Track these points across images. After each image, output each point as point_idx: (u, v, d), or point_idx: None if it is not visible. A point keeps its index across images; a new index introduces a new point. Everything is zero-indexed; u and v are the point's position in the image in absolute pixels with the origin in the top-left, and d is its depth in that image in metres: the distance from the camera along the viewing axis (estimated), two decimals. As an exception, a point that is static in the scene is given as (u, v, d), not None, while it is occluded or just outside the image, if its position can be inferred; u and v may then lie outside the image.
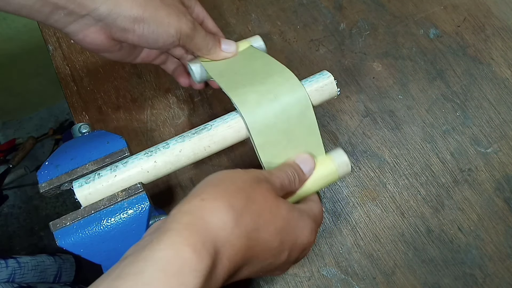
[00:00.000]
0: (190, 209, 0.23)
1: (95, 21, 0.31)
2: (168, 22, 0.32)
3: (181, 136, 0.32)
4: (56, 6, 0.29)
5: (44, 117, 1.43)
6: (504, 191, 0.44)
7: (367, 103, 0.47)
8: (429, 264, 0.42)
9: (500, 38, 0.49)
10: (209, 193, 0.25)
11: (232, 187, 0.26)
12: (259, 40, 0.41)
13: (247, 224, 0.24)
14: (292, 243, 0.28)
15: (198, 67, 0.39)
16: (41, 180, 0.32)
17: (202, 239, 0.22)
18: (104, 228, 0.30)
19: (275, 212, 0.27)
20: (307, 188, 0.33)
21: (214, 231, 0.23)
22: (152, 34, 0.32)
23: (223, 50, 0.38)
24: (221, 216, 0.23)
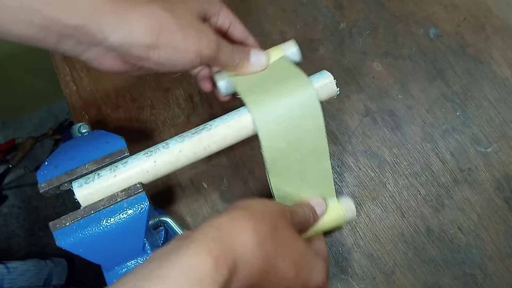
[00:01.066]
0: (219, 225, 0.25)
1: (108, 50, 0.29)
2: (185, 47, 0.29)
3: (180, 136, 0.32)
4: (62, 36, 0.27)
5: (43, 117, 1.43)
6: (504, 191, 0.44)
7: (367, 102, 0.47)
8: (429, 264, 0.42)
9: (500, 37, 0.49)
10: (239, 214, 0.27)
11: (259, 213, 0.28)
12: (292, 46, 0.37)
13: (268, 250, 0.26)
14: (306, 279, 0.29)
15: (224, 82, 0.35)
16: (40, 180, 0.32)
17: (225, 253, 0.23)
18: (104, 228, 0.30)
19: (294, 246, 0.29)
20: (316, 228, 0.36)
21: (237, 249, 0.24)
22: (169, 60, 0.29)
23: (252, 64, 0.35)
24: (245, 236, 0.25)
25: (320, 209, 0.36)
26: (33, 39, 0.27)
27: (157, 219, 0.35)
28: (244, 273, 0.24)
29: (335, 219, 0.37)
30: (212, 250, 0.23)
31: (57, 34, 0.27)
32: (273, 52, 0.37)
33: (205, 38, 0.30)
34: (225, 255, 0.23)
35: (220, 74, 0.36)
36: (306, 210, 0.34)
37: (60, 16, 0.26)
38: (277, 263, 0.27)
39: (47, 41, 0.27)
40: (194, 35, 0.30)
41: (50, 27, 0.26)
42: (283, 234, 0.28)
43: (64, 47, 0.28)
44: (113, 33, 0.27)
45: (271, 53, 0.36)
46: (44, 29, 0.26)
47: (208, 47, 0.30)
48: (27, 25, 0.26)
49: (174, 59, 0.29)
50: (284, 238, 0.28)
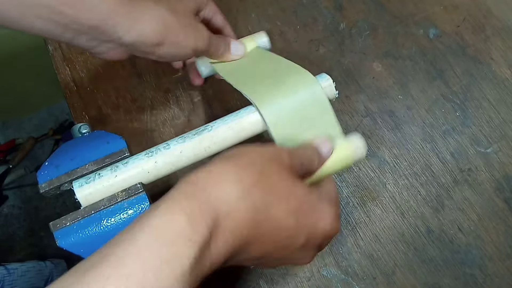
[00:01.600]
0: (195, 180, 0.23)
1: (119, 45, 0.32)
2: (185, 44, 0.34)
3: (181, 137, 0.32)
4: (78, 32, 0.30)
5: (44, 118, 1.43)
6: (504, 191, 0.44)
7: (367, 103, 0.47)
8: (429, 264, 0.42)
9: (500, 38, 0.49)
10: (218, 166, 0.24)
11: (245, 160, 0.25)
12: (263, 36, 0.43)
13: (256, 199, 0.24)
14: (310, 226, 0.27)
15: (206, 66, 0.42)
16: (41, 180, 0.32)
17: (201, 209, 0.21)
18: (104, 228, 0.30)
19: (290, 190, 0.26)
20: (323, 171, 0.32)
21: (216, 203, 0.22)
22: (170, 54, 0.34)
23: (232, 53, 0.40)
24: (225, 188, 0.23)
25: (326, 148, 0.32)
26: (50, 33, 0.29)
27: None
28: (230, 227, 0.22)
29: (343, 159, 0.33)
30: (184, 206, 0.21)
31: (74, 31, 0.30)
32: (247, 42, 0.42)
33: (200, 36, 0.35)
34: (202, 211, 0.21)
35: (202, 60, 0.42)
36: (309, 151, 0.31)
37: (80, 16, 0.28)
38: (270, 211, 0.24)
39: (63, 36, 0.30)
40: (192, 34, 0.34)
41: (68, 25, 0.29)
42: (275, 179, 0.25)
43: (78, 41, 0.31)
44: (126, 33, 0.30)
45: (245, 42, 0.41)
46: (63, 26, 0.29)
47: (202, 43, 0.35)
48: (47, 22, 0.28)
49: (175, 54, 0.34)
50: (277, 183, 0.25)
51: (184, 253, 0.19)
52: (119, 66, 0.49)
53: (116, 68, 0.49)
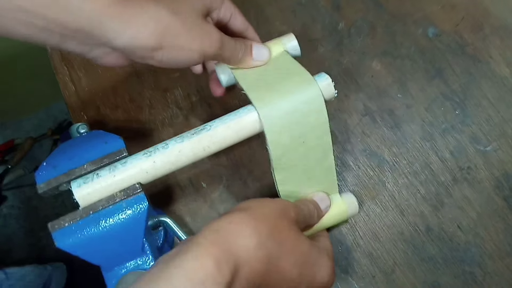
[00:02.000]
0: (219, 229, 0.25)
1: (111, 50, 0.29)
2: (189, 47, 0.30)
3: (180, 137, 0.32)
4: (64, 37, 0.27)
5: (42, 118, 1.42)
6: (503, 189, 0.44)
7: (366, 102, 0.47)
8: (429, 262, 0.42)
9: (499, 36, 0.49)
10: (237, 217, 0.27)
11: (259, 214, 0.28)
12: (292, 39, 0.38)
13: (269, 250, 0.26)
14: (310, 278, 0.29)
15: (226, 74, 0.36)
16: (39, 180, 0.32)
17: (225, 256, 0.24)
18: (103, 228, 0.30)
19: (297, 245, 0.28)
20: (320, 224, 0.36)
21: (237, 251, 0.24)
22: (172, 59, 0.30)
23: (254, 58, 0.36)
24: (245, 238, 0.25)
25: (324, 204, 0.36)
26: (36, 38, 0.27)
27: (156, 219, 0.35)
28: (246, 274, 0.25)
29: (338, 214, 0.37)
30: (212, 252, 0.23)
31: (60, 35, 0.27)
32: (273, 46, 0.37)
33: (208, 38, 0.31)
34: (226, 258, 0.23)
35: (221, 67, 0.36)
36: (310, 206, 0.34)
37: (63, 19, 0.26)
38: (280, 263, 0.27)
39: (49, 40, 0.27)
40: (197, 36, 0.30)
41: (52, 29, 0.26)
42: (285, 233, 0.28)
43: (67, 46, 0.28)
44: (117, 37, 0.27)
45: (272, 47, 0.37)
46: (47, 31, 0.26)
47: (211, 46, 0.31)
48: (29, 26, 0.26)
49: (178, 59, 0.30)
50: (286, 237, 0.28)
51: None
52: (117, 66, 0.49)
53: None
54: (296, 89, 0.33)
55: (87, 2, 0.26)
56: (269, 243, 0.26)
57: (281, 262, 0.27)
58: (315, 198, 0.36)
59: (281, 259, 0.27)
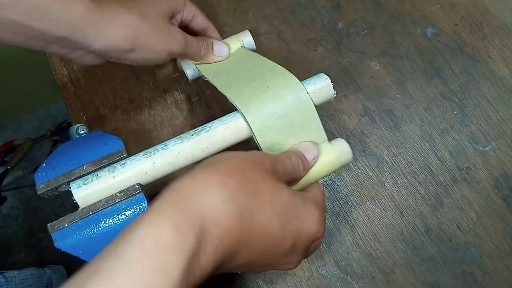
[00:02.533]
0: (180, 188, 0.23)
1: (89, 52, 0.33)
2: (158, 48, 0.34)
3: (179, 138, 0.32)
4: (48, 43, 0.31)
5: (42, 118, 1.42)
6: (502, 189, 0.44)
7: (365, 102, 0.47)
8: (428, 262, 0.42)
9: (498, 36, 0.49)
10: (203, 172, 0.24)
11: (228, 165, 0.25)
12: (248, 35, 0.42)
13: (240, 205, 0.23)
14: (296, 231, 0.26)
15: (191, 69, 0.41)
16: (38, 181, 0.32)
17: (187, 218, 0.21)
18: (102, 229, 0.30)
19: (274, 195, 0.25)
20: (309, 176, 0.32)
21: (202, 210, 0.22)
22: (144, 59, 0.34)
23: (215, 54, 0.40)
24: (211, 194, 0.23)
25: (311, 154, 0.32)
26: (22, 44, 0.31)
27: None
28: (217, 235, 0.22)
29: (329, 164, 0.33)
30: (170, 216, 0.20)
31: (44, 41, 0.31)
32: (231, 41, 0.41)
33: (174, 39, 0.35)
34: (188, 220, 0.21)
35: (186, 62, 0.41)
36: (293, 158, 0.30)
37: (47, 28, 0.29)
38: (256, 217, 0.24)
39: (34, 46, 0.31)
40: (165, 38, 0.34)
41: (37, 37, 0.30)
42: (259, 184, 0.25)
43: (50, 50, 0.32)
44: (95, 42, 0.31)
45: (230, 43, 0.41)
46: (32, 38, 0.30)
47: (177, 46, 0.35)
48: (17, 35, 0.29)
49: (149, 58, 0.35)
50: (260, 188, 0.25)
51: (174, 264, 0.19)
52: (116, 67, 0.49)
53: (113, 69, 0.49)
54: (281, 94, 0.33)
55: (68, 12, 0.29)
56: (239, 197, 0.23)
57: (257, 215, 0.24)
58: (300, 149, 0.32)
59: (256, 212, 0.24)
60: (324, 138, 0.34)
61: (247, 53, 0.41)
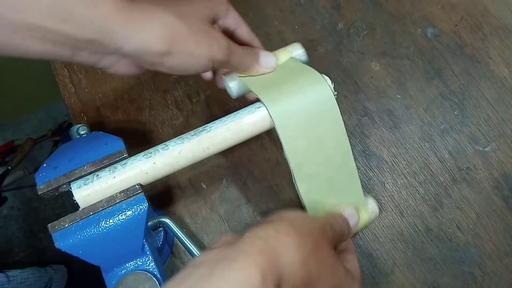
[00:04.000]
0: (265, 237, 0.24)
1: (122, 57, 0.30)
2: (198, 53, 0.30)
3: (180, 138, 0.32)
4: (76, 49, 0.28)
5: (42, 119, 1.43)
6: (502, 190, 0.44)
7: (365, 102, 0.47)
8: (428, 263, 0.42)
9: (498, 37, 0.49)
10: (284, 227, 0.26)
11: (304, 228, 0.26)
12: (299, 48, 0.38)
13: (310, 270, 0.25)
14: None
15: (235, 83, 0.36)
16: (39, 182, 0.32)
17: (271, 268, 0.23)
18: (103, 229, 0.30)
19: (335, 268, 0.28)
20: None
21: (282, 265, 0.23)
22: (182, 65, 0.30)
23: (262, 66, 0.36)
24: (291, 253, 0.24)
25: (353, 220, 0.34)
26: (49, 54, 0.27)
27: (156, 220, 0.35)
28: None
29: (362, 224, 0.36)
30: (259, 263, 0.22)
31: (71, 47, 0.27)
32: (280, 54, 0.37)
33: (216, 44, 0.31)
34: (272, 270, 0.23)
35: (230, 76, 0.36)
36: (342, 224, 0.32)
37: (73, 31, 0.26)
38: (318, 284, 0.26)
39: (63, 55, 0.28)
40: (205, 42, 0.30)
41: (64, 43, 0.27)
42: (326, 254, 0.27)
43: (79, 58, 0.28)
44: (126, 43, 0.27)
45: (278, 55, 0.37)
46: (58, 45, 0.27)
47: (219, 52, 0.31)
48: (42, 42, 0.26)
49: (187, 65, 0.30)
50: (326, 258, 0.27)
51: None
52: (117, 67, 0.49)
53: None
54: (305, 87, 0.33)
55: (95, 11, 0.26)
56: (312, 262, 0.25)
57: (319, 283, 0.26)
58: (345, 214, 0.34)
59: (320, 279, 0.26)
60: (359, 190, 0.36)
61: (297, 64, 0.37)
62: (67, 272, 1.13)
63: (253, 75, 0.36)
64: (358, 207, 0.36)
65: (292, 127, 0.32)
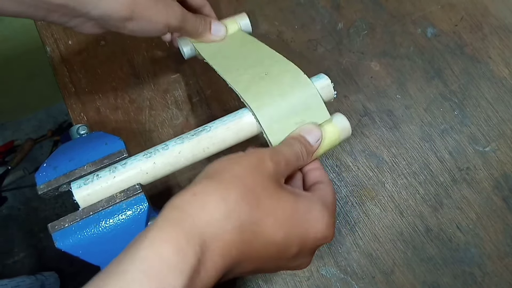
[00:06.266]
0: (180, 204, 0.23)
1: (89, 19, 0.34)
2: (156, 19, 0.34)
3: (180, 138, 0.32)
4: (49, 11, 0.32)
5: (42, 119, 1.42)
6: (502, 190, 0.44)
7: (365, 102, 0.47)
8: (428, 263, 0.42)
9: (498, 37, 0.49)
10: (201, 186, 0.24)
11: (227, 176, 0.24)
12: (245, 18, 0.42)
13: (241, 217, 0.23)
14: (301, 237, 0.26)
15: (188, 47, 0.41)
16: (39, 182, 0.32)
17: (187, 237, 0.21)
18: (103, 229, 0.30)
19: (276, 202, 0.25)
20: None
21: (202, 227, 0.22)
22: (142, 30, 0.35)
23: (213, 33, 0.40)
24: (210, 210, 0.22)
25: (314, 137, 0.30)
26: (23, 14, 0.31)
27: (156, 220, 0.35)
28: (218, 250, 0.22)
29: (329, 143, 0.32)
30: (169, 235, 0.21)
31: (44, 10, 0.31)
32: (229, 23, 0.41)
33: (172, 12, 0.35)
34: (188, 239, 0.21)
35: (184, 40, 0.41)
36: (296, 145, 0.29)
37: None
38: (258, 228, 0.24)
39: (36, 15, 0.32)
40: (163, 9, 0.35)
41: (39, 5, 0.31)
42: (260, 192, 0.24)
43: (50, 19, 0.33)
44: (94, 8, 0.32)
45: (227, 24, 0.41)
46: (33, 7, 0.31)
47: (175, 19, 0.35)
48: (19, 4, 0.30)
49: (146, 29, 0.35)
50: (261, 196, 0.24)
51: (174, 283, 0.19)
52: (117, 67, 0.49)
53: (114, 69, 0.49)
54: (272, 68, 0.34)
55: None
56: (240, 209, 0.23)
57: (259, 226, 0.24)
58: (302, 133, 0.30)
59: (258, 223, 0.24)
60: (327, 116, 0.33)
61: (245, 36, 0.41)
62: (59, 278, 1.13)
63: (204, 41, 0.40)
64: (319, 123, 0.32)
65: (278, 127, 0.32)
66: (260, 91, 0.33)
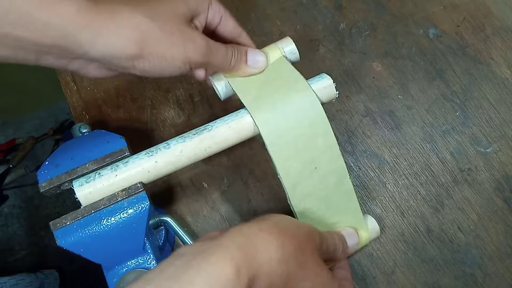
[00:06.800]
0: (247, 233, 0.25)
1: (90, 61, 0.28)
2: (172, 55, 0.28)
3: (181, 137, 0.33)
4: (40, 53, 0.26)
5: (44, 117, 1.43)
6: (503, 191, 0.44)
7: (367, 103, 0.47)
8: (429, 263, 0.42)
9: (500, 38, 0.49)
10: (268, 226, 0.26)
11: (289, 230, 0.27)
12: (290, 43, 0.35)
13: (290, 270, 0.25)
14: None
15: (222, 85, 0.34)
16: (41, 179, 0.32)
17: (248, 263, 0.23)
18: (104, 227, 0.30)
19: (317, 272, 0.28)
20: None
21: (260, 261, 0.24)
22: (155, 69, 0.28)
23: (249, 65, 0.33)
24: (271, 250, 0.25)
25: (352, 241, 0.35)
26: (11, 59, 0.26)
27: (157, 219, 0.35)
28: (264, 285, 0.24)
29: (363, 243, 0.36)
30: (236, 258, 0.23)
31: (35, 52, 0.26)
32: (270, 50, 0.35)
33: (192, 45, 0.29)
34: (248, 265, 0.23)
35: (217, 76, 0.34)
36: (336, 239, 0.33)
37: (33, 37, 0.24)
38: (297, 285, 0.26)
39: (26, 59, 0.26)
40: (179, 43, 0.28)
41: (26, 48, 0.25)
42: (308, 258, 0.27)
43: (45, 62, 0.27)
44: (91, 48, 0.26)
45: (269, 52, 0.35)
46: (20, 49, 0.25)
47: (196, 53, 0.29)
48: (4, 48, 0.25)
49: (161, 68, 0.28)
50: (308, 261, 0.27)
51: None
52: (119, 66, 0.49)
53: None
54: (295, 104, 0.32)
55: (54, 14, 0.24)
56: (292, 262, 0.25)
57: (297, 283, 0.26)
58: (343, 233, 0.35)
59: (298, 281, 0.26)
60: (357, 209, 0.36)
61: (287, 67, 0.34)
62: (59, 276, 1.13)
63: (241, 75, 0.33)
64: (357, 227, 0.36)
65: (284, 146, 0.32)
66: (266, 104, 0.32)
